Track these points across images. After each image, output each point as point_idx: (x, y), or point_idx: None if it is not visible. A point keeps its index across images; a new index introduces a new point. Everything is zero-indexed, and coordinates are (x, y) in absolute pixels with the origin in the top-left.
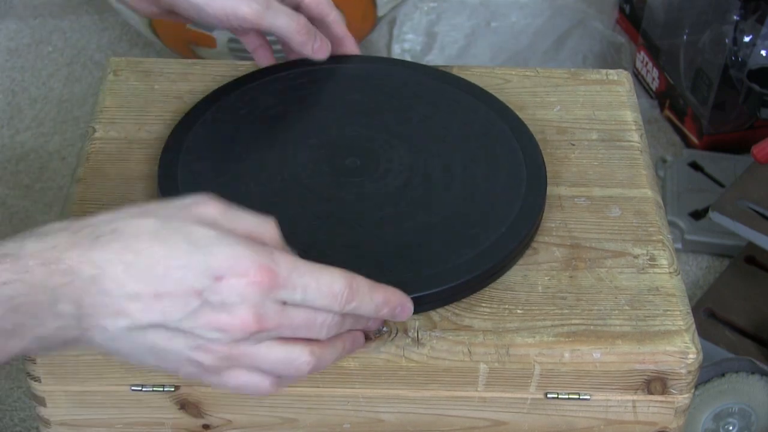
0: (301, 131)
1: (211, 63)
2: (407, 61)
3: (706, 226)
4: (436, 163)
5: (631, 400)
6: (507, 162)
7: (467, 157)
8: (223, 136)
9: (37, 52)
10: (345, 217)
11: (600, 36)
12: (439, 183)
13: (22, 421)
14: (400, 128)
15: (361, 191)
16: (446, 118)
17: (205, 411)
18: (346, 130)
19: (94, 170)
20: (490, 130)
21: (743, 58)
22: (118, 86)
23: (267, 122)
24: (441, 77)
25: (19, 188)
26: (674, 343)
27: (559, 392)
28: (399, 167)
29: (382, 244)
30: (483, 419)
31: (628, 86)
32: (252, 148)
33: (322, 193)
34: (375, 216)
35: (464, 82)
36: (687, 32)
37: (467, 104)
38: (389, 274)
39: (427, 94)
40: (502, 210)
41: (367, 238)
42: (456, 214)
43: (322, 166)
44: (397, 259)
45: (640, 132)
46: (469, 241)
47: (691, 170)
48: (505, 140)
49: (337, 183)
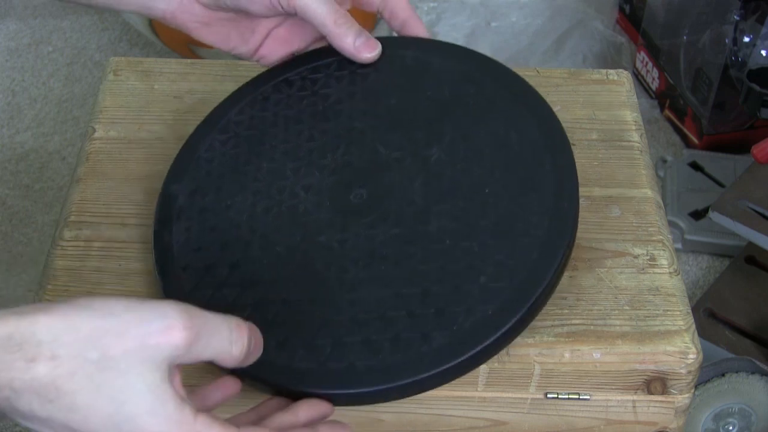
0: (312, 148)
1: (211, 63)
2: (456, 46)
3: (706, 226)
4: (454, 211)
5: (631, 400)
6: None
7: (496, 212)
8: (229, 157)
9: (37, 52)
10: (315, 276)
11: (600, 36)
12: (442, 250)
13: None
14: (425, 150)
15: (347, 240)
16: (484, 141)
17: None
18: (364, 150)
19: (93, 170)
20: (530, 169)
21: (743, 58)
22: (117, 86)
23: (275, 135)
24: (499, 77)
25: (19, 188)
26: (674, 343)
27: (559, 392)
28: (409, 209)
29: (355, 311)
30: (483, 419)
31: (628, 86)
32: (251, 169)
33: (312, 235)
34: (344, 278)
35: (522, 86)
36: (687, 32)
37: (516, 118)
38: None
39: (478, 105)
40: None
41: (335, 305)
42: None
43: (323, 199)
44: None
45: (640, 132)
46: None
47: (691, 170)
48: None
49: (331, 223)
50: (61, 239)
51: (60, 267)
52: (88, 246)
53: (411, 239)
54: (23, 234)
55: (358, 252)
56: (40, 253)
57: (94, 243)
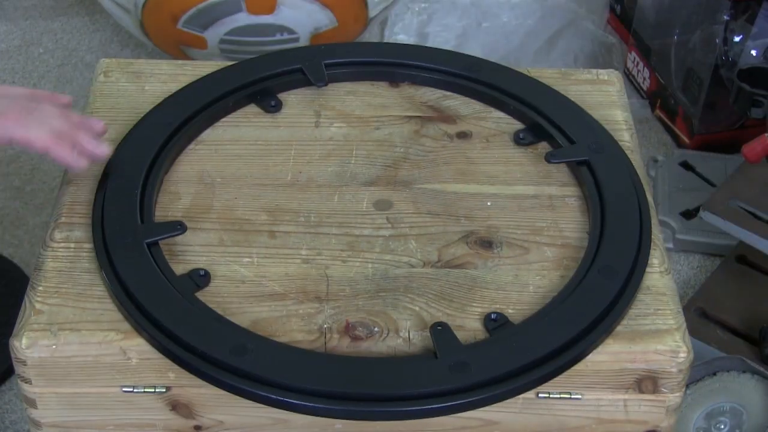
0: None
1: (202, 64)
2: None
3: (697, 225)
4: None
5: (622, 399)
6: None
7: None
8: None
9: (27, 53)
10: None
11: (591, 36)
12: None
13: (14, 423)
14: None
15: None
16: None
17: (196, 412)
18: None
19: (84, 172)
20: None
21: (733, 58)
22: (108, 87)
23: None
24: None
25: (9, 190)
26: (665, 342)
27: (550, 392)
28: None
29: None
30: (475, 419)
31: (619, 86)
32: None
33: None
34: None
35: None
36: (678, 32)
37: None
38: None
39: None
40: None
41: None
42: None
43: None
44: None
45: (630, 132)
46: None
47: (682, 170)
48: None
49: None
50: (52, 240)
51: (51, 268)
52: (79, 247)
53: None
54: (14, 236)
55: None
56: (30, 254)
57: (85, 244)
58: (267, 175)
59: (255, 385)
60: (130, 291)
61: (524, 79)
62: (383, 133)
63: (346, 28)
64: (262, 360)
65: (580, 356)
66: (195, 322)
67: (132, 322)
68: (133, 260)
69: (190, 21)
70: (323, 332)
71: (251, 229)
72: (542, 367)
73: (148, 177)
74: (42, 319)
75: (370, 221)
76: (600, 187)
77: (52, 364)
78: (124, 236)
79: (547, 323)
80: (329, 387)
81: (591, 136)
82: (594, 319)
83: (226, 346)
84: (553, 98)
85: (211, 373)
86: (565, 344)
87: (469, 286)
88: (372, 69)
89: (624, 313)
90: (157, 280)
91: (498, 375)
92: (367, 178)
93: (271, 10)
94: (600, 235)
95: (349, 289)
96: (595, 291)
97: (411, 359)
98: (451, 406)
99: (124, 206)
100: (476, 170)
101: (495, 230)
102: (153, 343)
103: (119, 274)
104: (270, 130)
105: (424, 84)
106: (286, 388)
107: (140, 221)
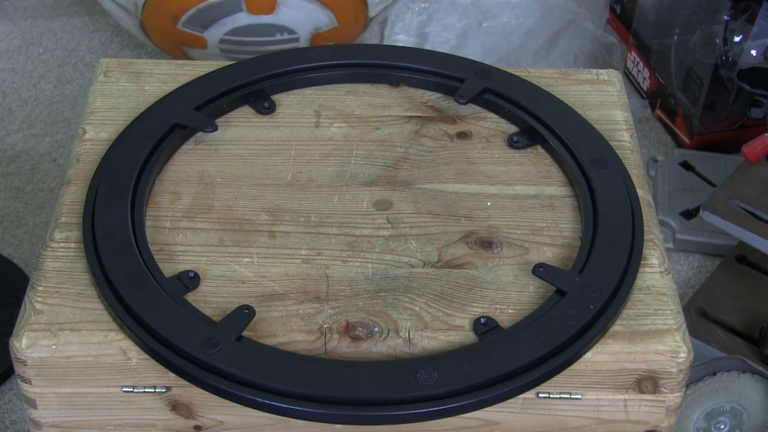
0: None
1: (202, 64)
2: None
3: (697, 225)
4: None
5: (622, 399)
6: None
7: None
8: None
9: (27, 53)
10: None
11: (591, 36)
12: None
13: (14, 423)
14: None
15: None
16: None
17: (196, 412)
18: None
19: (84, 172)
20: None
21: (733, 58)
22: (108, 87)
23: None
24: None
25: (9, 190)
26: (665, 342)
27: (550, 392)
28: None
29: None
30: (475, 419)
31: (619, 86)
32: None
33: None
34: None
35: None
36: (678, 32)
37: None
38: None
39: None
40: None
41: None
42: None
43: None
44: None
45: (630, 132)
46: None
47: (682, 170)
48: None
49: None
50: (52, 240)
51: (51, 268)
52: (79, 247)
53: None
54: (14, 236)
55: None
56: (30, 254)
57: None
58: (267, 175)
59: (251, 392)
60: (119, 294)
61: (522, 83)
62: (383, 133)
63: (346, 28)
64: (237, 361)
65: (576, 356)
66: (183, 326)
67: (122, 325)
68: (123, 263)
69: (190, 21)
70: (323, 332)
71: (251, 229)
72: (541, 366)
73: (139, 178)
74: (42, 319)
75: (370, 221)
76: (595, 199)
77: (52, 364)
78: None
79: (542, 325)
80: (325, 392)
81: (590, 146)
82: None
83: (208, 347)
84: (549, 102)
85: (206, 379)
86: (564, 343)
87: (469, 286)
88: (364, 71)
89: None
90: (147, 282)
91: (496, 376)
92: (367, 178)
93: (271, 10)
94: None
95: (349, 289)
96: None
97: (409, 361)
98: (450, 408)
99: (114, 207)
100: (476, 170)
101: (495, 230)
102: (143, 347)
103: (108, 277)
104: (270, 130)
105: (421, 87)
106: (281, 393)
107: (131, 221)
